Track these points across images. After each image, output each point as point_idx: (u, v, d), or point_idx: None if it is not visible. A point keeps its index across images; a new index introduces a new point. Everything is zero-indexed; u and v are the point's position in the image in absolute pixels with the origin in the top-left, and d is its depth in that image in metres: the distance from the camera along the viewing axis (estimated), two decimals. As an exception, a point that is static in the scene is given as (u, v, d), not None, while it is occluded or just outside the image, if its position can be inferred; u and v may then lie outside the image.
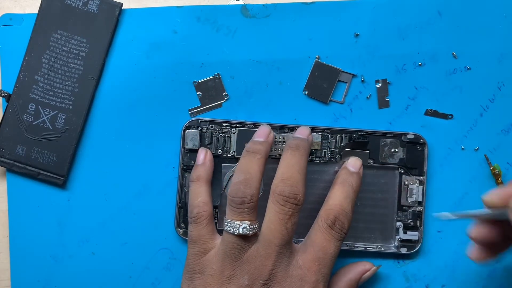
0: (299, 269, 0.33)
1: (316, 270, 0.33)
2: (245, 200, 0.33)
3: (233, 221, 0.33)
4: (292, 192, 0.33)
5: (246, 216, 0.33)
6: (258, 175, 0.34)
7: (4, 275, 0.40)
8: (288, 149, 0.35)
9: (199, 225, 0.35)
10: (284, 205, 0.33)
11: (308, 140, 0.36)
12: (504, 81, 0.39)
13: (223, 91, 0.39)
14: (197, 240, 0.34)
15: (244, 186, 0.33)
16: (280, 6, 0.39)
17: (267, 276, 0.32)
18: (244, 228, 0.32)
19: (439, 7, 0.39)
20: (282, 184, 0.33)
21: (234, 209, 0.33)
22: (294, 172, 0.34)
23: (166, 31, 0.39)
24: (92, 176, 0.39)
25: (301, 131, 0.37)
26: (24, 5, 0.39)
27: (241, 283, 0.32)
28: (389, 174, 0.39)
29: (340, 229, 0.34)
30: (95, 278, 0.39)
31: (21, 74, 0.38)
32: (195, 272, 0.34)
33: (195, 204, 0.35)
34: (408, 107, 0.39)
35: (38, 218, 0.39)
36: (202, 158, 0.37)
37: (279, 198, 0.33)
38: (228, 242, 0.33)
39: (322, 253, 0.33)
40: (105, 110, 0.39)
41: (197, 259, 0.34)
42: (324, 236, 0.34)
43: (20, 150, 0.38)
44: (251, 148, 0.35)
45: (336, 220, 0.34)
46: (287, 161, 0.34)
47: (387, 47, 0.39)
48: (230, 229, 0.33)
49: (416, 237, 0.39)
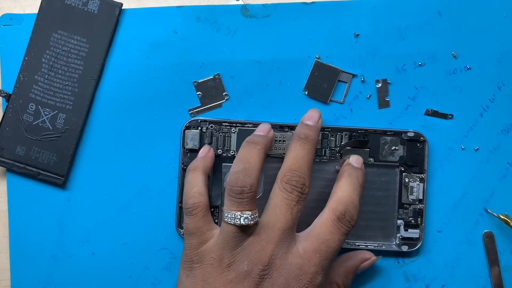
0: (299, 258, 0.33)
1: (317, 262, 0.33)
2: (244, 189, 0.32)
3: (233, 212, 0.32)
4: (300, 182, 0.33)
5: (246, 206, 0.32)
6: (258, 165, 0.33)
7: (4, 275, 0.40)
8: (298, 140, 0.35)
9: (195, 216, 0.34)
10: (291, 192, 0.33)
11: (317, 128, 0.36)
12: (504, 81, 0.39)
13: (223, 91, 0.39)
14: (194, 232, 0.34)
15: (244, 175, 0.32)
16: (280, 6, 0.39)
17: (266, 262, 0.32)
18: (245, 219, 0.32)
19: (439, 7, 0.39)
20: (290, 174, 0.33)
21: (233, 199, 0.33)
22: (303, 164, 0.34)
23: (166, 31, 0.39)
24: (92, 176, 0.39)
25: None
26: (24, 5, 0.39)
27: (240, 269, 0.32)
28: (390, 172, 0.39)
29: (348, 221, 0.33)
30: (95, 278, 0.39)
31: (21, 74, 0.38)
32: (194, 262, 0.33)
33: (190, 194, 0.35)
34: (408, 107, 0.39)
35: (38, 218, 0.39)
36: (204, 152, 0.37)
37: (286, 186, 0.33)
38: (228, 232, 0.33)
39: (325, 246, 0.33)
40: (105, 110, 0.39)
41: (195, 249, 0.34)
42: (329, 229, 0.33)
43: (20, 150, 0.38)
44: (251, 139, 0.35)
45: (346, 211, 0.33)
46: (296, 152, 0.34)
47: (387, 47, 0.39)
48: (230, 220, 0.32)
49: (417, 234, 0.39)
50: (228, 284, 0.32)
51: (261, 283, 0.32)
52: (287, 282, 0.32)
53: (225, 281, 0.32)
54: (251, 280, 0.32)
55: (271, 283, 0.32)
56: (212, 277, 0.32)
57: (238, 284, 0.32)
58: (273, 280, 0.32)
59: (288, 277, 0.32)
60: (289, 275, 0.32)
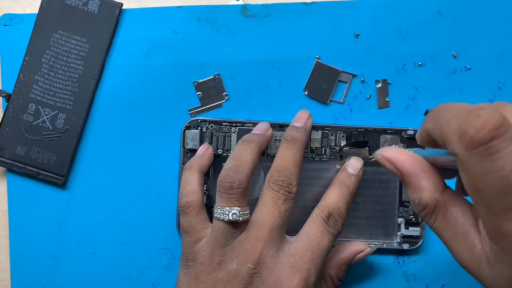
0: (291, 257, 0.33)
1: (309, 259, 0.33)
2: (233, 185, 0.32)
3: (222, 207, 0.33)
4: (285, 181, 0.33)
5: (235, 202, 0.33)
6: (250, 163, 0.34)
7: (4, 275, 0.40)
8: (284, 142, 0.35)
9: (188, 215, 0.35)
10: (278, 191, 0.33)
11: (305, 129, 0.36)
12: (504, 81, 0.39)
13: (223, 91, 0.39)
14: (188, 230, 0.34)
15: (234, 172, 0.33)
16: (280, 6, 0.39)
17: (256, 260, 0.32)
18: (233, 214, 0.32)
19: (439, 7, 0.39)
20: (277, 175, 0.34)
21: (222, 194, 0.33)
22: (289, 164, 0.34)
23: (166, 31, 0.39)
24: (92, 176, 0.39)
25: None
26: (24, 5, 0.39)
27: (229, 268, 0.32)
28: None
29: (334, 224, 0.34)
30: (95, 278, 0.39)
31: (21, 74, 0.38)
32: (189, 260, 0.34)
33: (184, 193, 0.35)
34: (408, 107, 0.39)
35: (38, 218, 0.39)
36: (201, 151, 0.38)
37: (273, 185, 0.33)
38: (218, 228, 0.33)
39: (316, 243, 0.33)
40: (105, 110, 0.39)
41: (190, 248, 0.34)
42: (318, 228, 0.33)
43: (20, 150, 0.38)
44: (247, 138, 0.35)
45: (330, 215, 0.34)
46: (283, 153, 0.35)
47: (387, 47, 0.39)
48: (219, 216, 0.33)
49: (418, 232, 0.39)
50: (218, 283, 0.32)
51: (251, 282, 0.32)
52: (278, 281, 0.32)
53: (215, 280, 0.32)
54: (240, 279, 0.32)
55: (261, 282, 0.32)
56: (204, 276, 0.33)
57: (228, 283, 0.32)
58: (264, 279, 0.32)
59: (279, 276, 0.32)
60: (280, 274, 0.32)
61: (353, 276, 0.40)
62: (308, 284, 0.32)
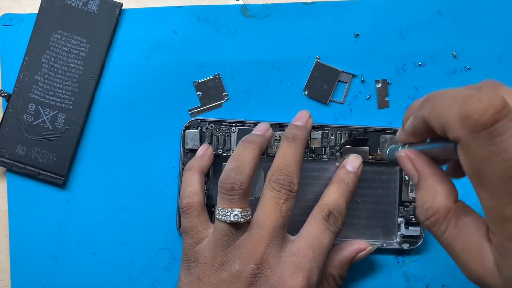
0: (293, 256, 0.33)
1: (311, 257, 0.33)
2: (234, 186, 0.33)
3: (224, 209, 0.33)
4: (287, 180, 0.33)
5: (236, 203, 0.33)
6: (250, 163, 0.34)
7: (4, 275, 0.40)
8: (285, 140, 0.35)
9: (189, 216, 0.35)
10: (279, 190, 0.33)
11: (306, 128, 0.36)
12: (504, 81, 0.39)
13: (223, 91, 0.39)
14: (190, 231, 0.34)
15: (235, 173, 0.33)
16: (280, 6, 0.39)
17: (258, 260, 0.32)
18: (235, 216, 0.32)
19: (439, 7, 0.39)
20: (278, 173, 0.34)
21: (224, 196, 0.33)
22: (290, 162, 0.34)
23: (166, 31, 0.39)
24: (92, 176, 0.39)
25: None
26: (24, 5, 0.39)
27: (232, 268, 0.32)
28: (390, 170, 0.39)
29: (334, 222, 0.34)
30: (95, 278, 0.39)
31: (21, 74, 0.38)
32: (191, 261, 0.34)
33: (185, 194, 0.35)
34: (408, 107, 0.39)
35: (38, 218, 0.39)
36: (201, 151, 0.38)
37: (274, 184, 0.33)
38: (220, 229, 0.33)
39: (317, 241, 0.33)
40: (105, 110, 0.39)
41: (192, 248, 0.34)
42: (319, 226, 0.34)
43: (20, 150, 0.38)
44: (247, 138, 0.35)
45: (330, 214, 0.34)
46: (284, 152, 0.35)
47: (387, 47, 0.39)
48: (221, 217, 0.33)
49: (418, 232, 0.39)
50: (221, 284, 0.32)
51: (254, 282, 0.32)
52: (281, 280, 0.32)
53: (218, 281, 0.32)
54: (243, 279, 0.32)
55: (264, 282, 0.32)
56: (206, 277, 0.33)
57: (231, 283, 0.32)
58: (267, 278, 0.32)
59: (282, 276, 0.32)
60: (283, 274, 0.32)
61: (353, 276, 0.40)
62: (311, 282, 0.32)
